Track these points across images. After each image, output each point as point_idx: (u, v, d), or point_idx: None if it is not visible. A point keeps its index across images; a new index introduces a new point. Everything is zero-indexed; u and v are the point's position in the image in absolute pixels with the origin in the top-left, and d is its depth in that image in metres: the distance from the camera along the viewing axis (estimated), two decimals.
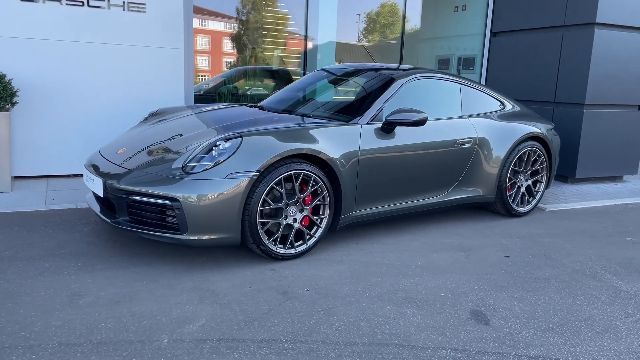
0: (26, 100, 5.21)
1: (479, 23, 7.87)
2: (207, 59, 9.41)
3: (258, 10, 8.61)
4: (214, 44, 9.22)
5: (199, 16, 8.94)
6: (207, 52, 9.46)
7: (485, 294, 3.22)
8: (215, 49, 9.17)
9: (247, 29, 8.45)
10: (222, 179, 3.18)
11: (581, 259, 3.92)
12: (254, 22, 8.68)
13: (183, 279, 3.19)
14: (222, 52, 9.09)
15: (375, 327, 2.72)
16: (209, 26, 9.22)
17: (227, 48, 8.94)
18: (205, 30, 9.09)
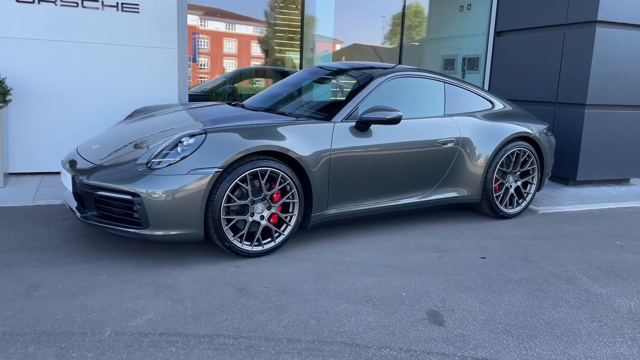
0: (21, 98, 5.35)
1: (483, 22, 7.74)
2: (233, 62, 9.47)
3: (285, 13, 8.66)
4: (241, 47, 9.29)
5: (227, 20, 9.02)
6: (234, 55, 9.54)
7: (448, 294, 3.15)
8: (242, 52, 9.24)
9: (274, 32, 8.51)
10: (184, 174, 3.20)
11: (560, 262, 3.80)
12: (280, 25, 8.74)
13: (144, 273, 3.21)
14: (249, 56, 9.17)
15: (324, 325, 2.69)
16: (237, 30, 9.28)
17: (255, 51, 9.01)
18: (232, 34, 9.16)
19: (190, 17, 9.93)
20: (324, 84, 4.61)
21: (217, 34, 9.22)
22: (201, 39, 9.35)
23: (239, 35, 9.48)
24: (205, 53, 9.62)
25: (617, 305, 3.13)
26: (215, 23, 9.24)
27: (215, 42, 9.45)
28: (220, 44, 9.24)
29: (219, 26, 9.24)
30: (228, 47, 9.43)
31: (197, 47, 9.69)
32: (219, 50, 9.29)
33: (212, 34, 9.45)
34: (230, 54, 9.52)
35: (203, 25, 9.30)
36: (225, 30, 9.32)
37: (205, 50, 9.53)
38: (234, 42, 9.50)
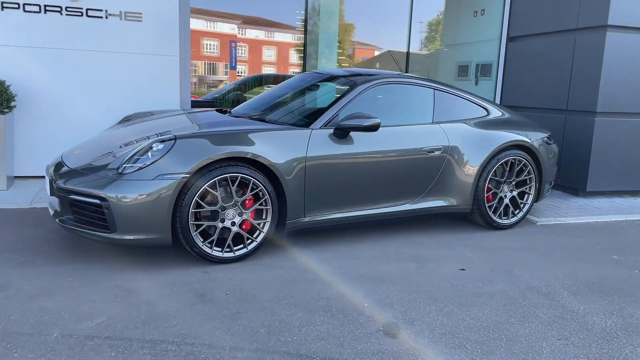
0: (27, 104, 5.54)
1: (496, 28, 7.56)
2: (272, 69, 9.57)
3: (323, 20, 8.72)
4: (280, 55, 9.40)
5: (266, 28, 9.16)
6: (273, 62, 9.65)
7: (413, 306, 3.06)
8: (281, 60, 9.35)
9: (312, 39, 8.59)
10: (150, 180, 3.23)
11: (544, 276, 3.65)
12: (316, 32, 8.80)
13: (111, 277, 3.25)
14: (288, 63, 9.27)
15: (273, 334, 2.65)
16: (275, 37, 9.40)
17: (293, 59, 9.10)
18: (271, 42, 9.29)
19: (228, 25, 10.12)
20: (314, 90, 4.58)
21: (256, 42, 9.34)
22: (240, 47, 9.48)
23: (278, 42, 9.59)
24: (243, 61, 9.74)
25: (591, 323, 2.97)
26: (254, 31, 9.36)
27: (254, 50, 9.55)
28: (259, 52, 9.36)
29: (258, 34, 9.35)
30: (267, 54, 9.54)
31: (236, 55, 9.85)
32: (257, 57, 9.39)
33: (250, 42, 9.56)
34: (269, 61, 9.62)
35: (242, 33, 9.42)
36: (264, 38, 9.45)
37: (244, 58, 9.65)
38: (273, 49, 9.62)
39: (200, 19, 10.23)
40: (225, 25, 10.08)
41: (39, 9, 5.46)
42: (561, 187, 6.40)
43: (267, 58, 9.71)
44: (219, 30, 10.25)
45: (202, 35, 10.14)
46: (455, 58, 8.68)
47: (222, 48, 10.32)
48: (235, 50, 9.79)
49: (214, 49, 10.44)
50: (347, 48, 9.82)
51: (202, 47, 10.47)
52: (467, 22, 8.34)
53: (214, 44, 10.36)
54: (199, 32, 10.30)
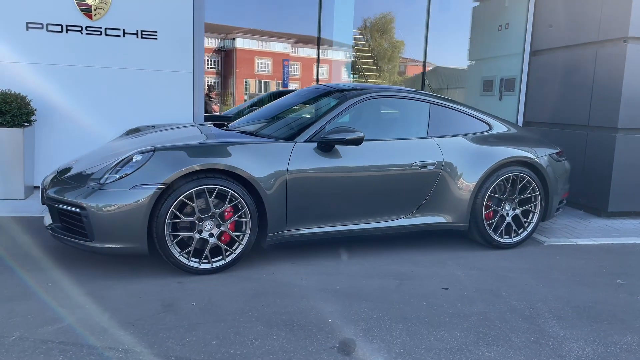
0: (48, 118, 5.83)
1: (520, 42, 7.34)
2: None
3: (374, 38, 8.84)
4: (332, 72, 9.56)
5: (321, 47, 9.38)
6: (326, 80, 9.82)
7: (379, 324, 2.97)
8: (332, 77, 9.51)
9: (363, 57, 8.71)
10: (127, 190, 3.32)
11: (533, 298, 3.46)
12: (369, 50, 8.93)
13: (88, 284, 3.34)
14: (339, 80, 9.42)
15: (224, 346, 2.63)
16: (328, 55, 9.58)
17: (344, 75, 9.25)
18: (323, 60, 9.46)
19: (281, 44, 10.37)
20: (310, 104, 4.58)
21: (309, 60, 9.51)
22: (292, 65, 9.66)
23: (330, 60, 9.73)
24: (296, 79, 9.92)
25: (567, 349, 2.78)
26: (307, 50, 9.53)
27: (307, 68, 9.71)
28: (311, 70, 9.53)
29: (310, 52, 9.55)
30: (320, 72, 9.73)
31: (288, 72, 10.06)
32: (310, 75, 9.56)
33: (303, 60, 9.71)
34: (321, 79, 9.79)
35: (295, 52, 9.60)
36: (316, 57, 9.67)
37: (296, 76, 9.82)
38: (326, 67, 9.77)
39: (253, 39, 10.50)
40: (279, 45, 10.29)
41: (61, 29, 5.78)
42: (583, 207, 6.09)
43: (320, 76, 9.85)
44: (272, 49, 10.48)
45: (256, 54, 10.39)
46: (481, 73, 8.49)
47: (274, 66, 10.55)
48: (287, 68, 9.97)
49: (266, 67, 10.69)
50: (396, 65, 9.83)
51: (256, 66, 10.74)
52: (491, 36, 8.15)
53: (266, 63, 10.61)
54: (252, 52, 10.54)
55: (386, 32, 9.96)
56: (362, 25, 9.31)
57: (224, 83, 10.58)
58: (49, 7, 5.71)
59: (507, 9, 7.73)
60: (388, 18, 9.74)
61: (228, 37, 10.57)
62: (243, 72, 10.58)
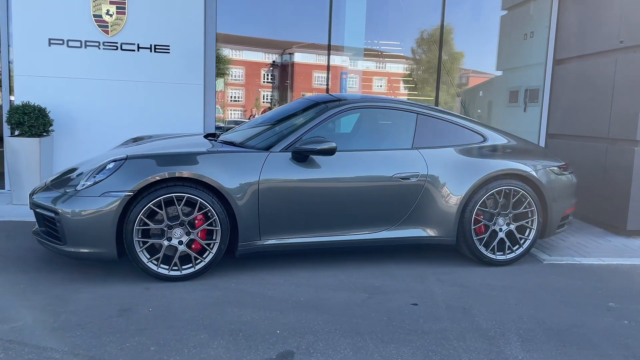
0: (68, 128, 6.15)
1: (543, 50, 7.03)
2: None
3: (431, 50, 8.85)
4: (390, 85, 9.59)
5: (377, 59, 9.43)
6: (383, 92, 9.85)
7: (326, 337, 2.89)
8: (391, 90, 9.55)
9: (421, 69, 8.73)
10: (96, 196, 3.43)
11: (505, 318, 3.27)
12: (427, 61, 8.94)
13: (58, 287, 3.46)
14: (398, 93, 9.45)
15: (160, 353, 2.65)
16: (387, 68, 9.62)
17: (403, 89, 9.27)
18: (381, 73, 9.51)
19: (339, 57, 10.47)
20: (296, 115, 4.56)
21: (367, 72, 9.56)
22: (350, 78, 9.72)
23: (388, 73, 9.68)
24: (353, 92, 9.94)
25: None
26: (365, 62, 9.59)
27: (365, 81, 9.76)
28: (369, 82, 9.54)
29: (369, 65, 9.59)
30: (378, 85, 9.73)
31: (346, 86, 10.12)
32: (367, 88, 9.60)
33: (360, 73, 9.75)
34: (380, 92, 9.77)
35: (353, 65, 9.67)
36: (374, 70, 9.65)
37: (354, 88, 9.87)
38: (384, 80, 9.80)
39: (311, 53, 10.60)
40: (337, 58, 10.34)
41: (80, 44, 6.10)
42: (601, 224, 5.71)
43: (377, 88, 9.82)
44: (330, 62, 10.52)
45: (313, 68, 10.49)
46: (508, 83, 8.20)
47: (332, 80, 10.58)
48: (345, 81, 9.99)
49: (323, 81, 10.76)
50: (455, 76, 9.68)
51: (313, 80, 10.82)
52: (518, 45, 7.86)
53: (323, 76, 10.67)
54: (310, 65, 10.64)
55: (444, 43, 9.78)
56: (419, 37, 9.19)
57: (281, 97, 10.67)
58: (69, 24, 6.05)
59: (532, 17, 7.44)
60: (447, 29, 9.59)
61: (286, 52, 10.69)
62: (300, 86, 10.63)
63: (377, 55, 9.21)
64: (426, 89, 9.32)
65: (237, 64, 9.62)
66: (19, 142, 5.62)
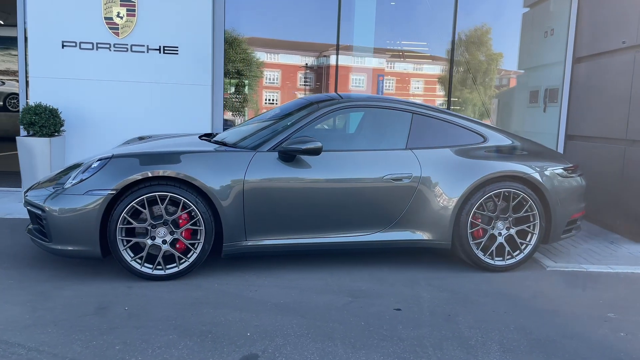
0: (80, 128, 6.27)
1: (563, 48, 6.75)
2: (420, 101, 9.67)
3: (470, 51, 8.74)
4: (427, 87, 9.49)
5: (414, 60, 9.35)
6: (420, 95, 9.74)
7: (296, 342, 2.82)
8: (428, 92, 9.44)
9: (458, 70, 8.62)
10: (81, 195, 3.46)
11: (490, 327, 3.11)
12: (462, 63, 8.84)
13: (43, 283, 3.51)
14: (435, 95, 9.34)
15: (124, 352, 2.64)
16: (424, 70, 9.51)
17: (440, 90, 9.16)
18: (419, 75, 9.40)
19: (376, 60, 10.41)
20: (289, 116, 4.46)
21: (404, 75, 9.46)
22: (387, 80, 9.64)
23: (425, 75, 9.54)
24: (390, 94, 9.87)
25: None
26: (402, 64, 9.50)
27: (402, 83, 9.66)
28: (406, 85, 9.44)
29: (406, 67, 9.48)
30: (415, 87, 9.63)
31: (383, 88, 10.05)
32: (405, 90, 9.49)
33: (398, 75, 9.66)
34: (417, 94, 9.66)
35: (390, 67, 9.60)
36: (412, 72, 9.50)
37: (391, 91, 9.79)
38: (421, 82, 9.67)
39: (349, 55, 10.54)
40: (374, 60, 10.26)
41: (92, 46, 6.22)
42: (620, 231, 5.42)
43: (414, 90, 9.71)
44: (367, 65, 10.46)
45: (351, 70, 10.42)
46: (528, 83, 7.91)
47: (369, 82, 10.52)
48: (382, 83, 9.90)
49: (361, 83, 10.69)
50: (494, 77, 9.48)
51: (350, 82, 10.76)
52: (538, 43, 7.58)
53: (361, 79, 10.61)
54: (347, 68, 10.57)
55: (482, 44, 9.58)
56: (457, 38, 9.00)
57: None
58: (81, 27, 6.18)
59: (552, 14, 7.16)
60: (484, 29, 9.37)
61: (323, 55, 10.63)
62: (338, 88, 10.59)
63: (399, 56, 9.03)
64: (464, 92, 9.10)
65: (274, 67, 9.63)
66: (30, 142, 5.77)
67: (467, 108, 8.81)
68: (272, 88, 9.61)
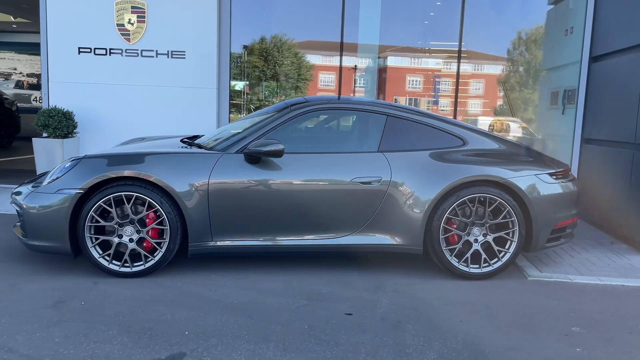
0: (93, 129, 6.57)
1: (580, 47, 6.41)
2: (478, 103, 9.56)
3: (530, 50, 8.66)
4: (487, 88, 9.36)
5: (475, 61, 9.30)
6: (480, 96, 9.70)
7: (230, 342, 2.84)
8: (488, 92, 9.31)
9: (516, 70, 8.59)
10: (52, 193, 3.63)
11: (437, 336, 3.01)
12: (522, 62, 8.76)
13: (19, 276, 3.71)
14: (495, 95, 9.21)
15: (59, 345, 2.75)
16: (484, 70, 9.41)
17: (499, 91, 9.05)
18: (479, 75, 9.30)
19: (433, 60, 10.32)
20: (266, 118, 4.44)
21: (462, 76, 9.34)
22: (444, 81, 9.66)
23: (486, 75, 9.42)
24: (446, 95, 9.85)
25: None
26: (461, 65, 9.38)
27: (460, 84, 9.54)
28: (465, 85, 9.20)
29: (465, 68, 9.38)
30: (475, 88, 9.51)
31: (439, 89, 9.94)
32: (463, 91, 9.35)
33: (455, 76, 9.54)
34: (476, 95, 9.49)
35: (447, 67, 9.44)
36: (471, 72, 9.34)
37: (447, 92, 9.76)
38: (481, 82, 9.54)
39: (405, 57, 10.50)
40: (431, 61, 10.16)
41: (105, 52, 6.51)
42: (630, 241, 5.08)
43: (474, 91, 9.53)
44: (424, 66, 10.38)
45: (407, 71, 10.40)
46: (549, 83, 7.57)
47: (425, 83, 10.42)
48: (438, 85, 9.83)
49: (417, 84, 10.63)
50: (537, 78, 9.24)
51: (407, 83, 10.71)
52: (559, 42, 7.24)
53: (417, 80, 10.55)
54: (403, 69, 10.53)
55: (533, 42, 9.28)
56: (516, 37, 8.84)
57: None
58: (96, 34, 6.48)
59: (572, 11, 6.81)
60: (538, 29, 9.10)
61: (380, 56, 10.62)
62: (393, 90, 10.53)
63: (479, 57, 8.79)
64: (525, 92, 8.84)
65: (329, 70, 9.78)
66: (45, 143, 6.11)
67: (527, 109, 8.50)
68: (327, 91, 9.66)
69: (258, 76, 9.40)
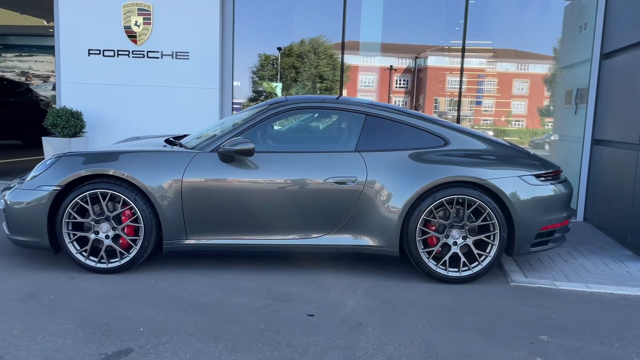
0: (101, 129, 6.74)
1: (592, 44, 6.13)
2: (523, 104, 9.40)
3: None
4: (532, 87, 9.14)
5: (520, 60, 9.06)
6: (525, 96, 9.48)
7: (180, 340, 2.86)
8: (534, 92, 9.09)
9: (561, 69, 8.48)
10: (32, 189, 3.75)
11: (392, 340, 2.94)
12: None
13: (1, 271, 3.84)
14: (542, 95, 8.99)
15: (15, 337, 2.83)
16: (529, 69, 9.15)
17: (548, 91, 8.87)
18: (523, 75, 9.07)
19: (477, 60, 10.12)
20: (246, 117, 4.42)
21: (506, 75, 9.09)
22: (488, 82, 9.31)
23: (532, 75, 9.15)
24: (490, 95, 9.56)
25: None
26: (505, 64, 9.12)
27: (503, 84, 9.18)
28: (509, 85, 9.08)
29: (509, 67, 9.14)
30: (518, 87, 9.29)
31: (482, 89, 9.42)
32: (507, 91, 9.10)
33: (500, 76, 9.22)
34: (520, 94, 9.27)
35: (492, 67, 9.23)
36: (515, 71, 9.19)
37: (492, 92, 9.41)
38: (526, 82, 9.31)
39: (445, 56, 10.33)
40: (474, 60, 9.97)
41: (113, 54, 6.67)
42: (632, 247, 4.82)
43: (517, 91, 9.27)
44: (466, 65, 10.16)
45: (447, 71, 10.24)
46: (564, 82, 7.28)
47: (468, 83, 10.18)
48: (481, 84, 9.57)
49: (457, 84, 10.40)
50: None
51: (446, 84, 10.53)
52: (573, 39, 6.95)
53: (457, 80, 10.32)
54: (444, 69, 10.34)
55: None
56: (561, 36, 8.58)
57: (414, 102, 10.46)
58: (104, 36, 6.65)
59: (586, 6, 6.52)
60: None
61: (420, 56, 10.51)
62: (433, 91, 10.40)
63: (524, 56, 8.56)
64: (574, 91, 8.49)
65: (369, 71, 9.74)
66: (53, 142, 6.31)
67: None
68: (367, 91, 9.58)
69: (294, 77, 9.34)
